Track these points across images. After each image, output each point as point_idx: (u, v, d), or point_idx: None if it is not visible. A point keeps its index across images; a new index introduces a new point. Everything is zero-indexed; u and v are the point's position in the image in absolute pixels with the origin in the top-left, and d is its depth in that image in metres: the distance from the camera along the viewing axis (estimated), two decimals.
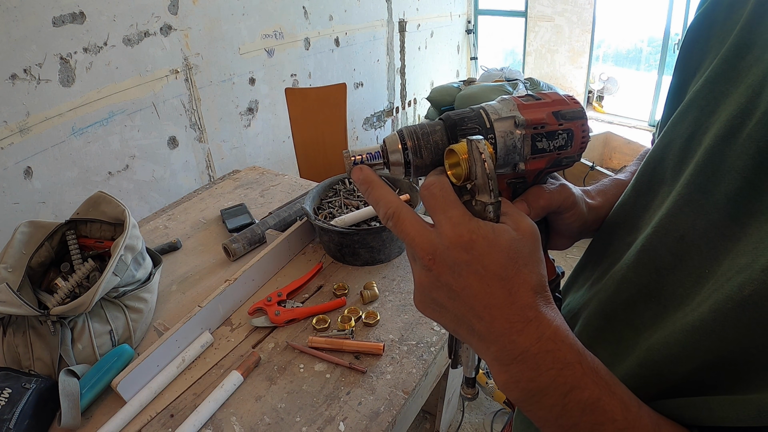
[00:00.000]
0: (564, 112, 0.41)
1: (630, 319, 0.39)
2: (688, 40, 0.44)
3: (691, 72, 0.43)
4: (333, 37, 2.90)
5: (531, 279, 0.32)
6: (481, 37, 4.45)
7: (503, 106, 0.40)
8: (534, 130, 0.40)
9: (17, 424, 0.72)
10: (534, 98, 0.42)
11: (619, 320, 0.40)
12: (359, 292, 1.04)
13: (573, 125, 0.41)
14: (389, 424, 0.78)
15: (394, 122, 3.82)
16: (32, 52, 1.56)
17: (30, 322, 0.84)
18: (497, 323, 0.31)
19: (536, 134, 0.40)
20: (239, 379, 0.84)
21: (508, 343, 0.31)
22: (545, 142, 0.40)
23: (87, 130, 1.78)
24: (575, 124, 0.41)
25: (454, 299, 0.33)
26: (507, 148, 0.40)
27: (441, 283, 0.33)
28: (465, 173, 0.35)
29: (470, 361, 0.44)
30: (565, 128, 0.41)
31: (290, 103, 2.21)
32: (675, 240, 0.37)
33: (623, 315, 0.40)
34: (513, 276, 0.32)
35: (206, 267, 1.17)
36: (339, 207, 1.20)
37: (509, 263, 0.32)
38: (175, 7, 1.97)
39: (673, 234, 0.37)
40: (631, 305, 0.39)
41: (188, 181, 2.25)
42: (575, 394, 0.30)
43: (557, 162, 0.42)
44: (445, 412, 1.43)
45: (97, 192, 1.05)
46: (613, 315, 0.41)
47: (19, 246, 0.93)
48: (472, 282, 0.32)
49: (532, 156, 0.41)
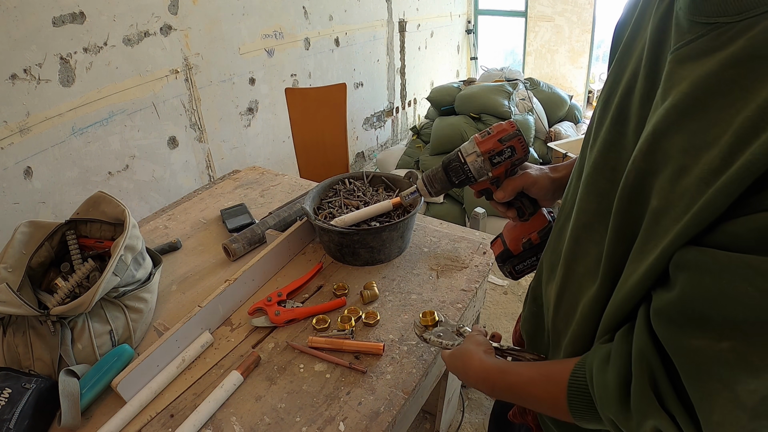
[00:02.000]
0: (505, 137, 0.70)
1: (590, 237, 0.54)
2: (616, 33, 0.59)
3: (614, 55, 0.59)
4: (333, 37, 2.90)
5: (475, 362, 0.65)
6: (481, 37, 4.45)
7: (470, 145, 0.72)
8: (489, 154, 0.71)
9: (17, 424, 0.72)
10: (488, 133, 0.71)
11: (584, 240, 0.55)
12: (359, 292, 1.04)
13: (513, 142, 0.70)
14: (389, 424, 0.78)
15: (394, 122, 3.82)
16: (32, 52, 1.56)
17: (30, 322, 0.84)
18: (470, 380, 0.66)
19: (491, 156, 0.71)
20: (239, 379, 0.84)
21: (475, 384, 0.65)
22: (498, 158, 0.71)
23: (87, 130, 1.78)
24: (514, 141, 0.70)
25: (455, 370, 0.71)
26: (477, 169, 0.72)
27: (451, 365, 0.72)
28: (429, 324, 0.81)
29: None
30: (508, 146, 0.70)
31: (290, 103, 2.21)
32: (609, 170, 0.51)
33: (585, 235, 0.55)
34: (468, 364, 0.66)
35: (206, 267, 1.17)
36: (339, 207, 1.20)
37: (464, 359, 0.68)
38: (175, 7, 1.97)
39: (608, 166, 0.52)
40: (589, 226, 0.54)
41: (188, 181, 2.25)
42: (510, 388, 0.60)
43: (513, 163, 0.72)
44: (445, 412, 1.43)
45: (97, 192, 1.05)
46: (579, 237, 0.56)
47: (19, 246, 0.93)
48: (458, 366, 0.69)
49: (493, 167, 0.72)
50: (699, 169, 0.38)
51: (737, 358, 0.35)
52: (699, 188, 0.37)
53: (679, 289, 0.38)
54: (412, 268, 1.12)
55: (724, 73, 0.38)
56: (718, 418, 0.37)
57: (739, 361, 0.35)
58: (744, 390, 0.35)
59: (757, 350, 0.34)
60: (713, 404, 0.37)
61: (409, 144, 3.12)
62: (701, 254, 0.37)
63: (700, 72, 0.40)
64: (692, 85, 0.40)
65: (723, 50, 0.38)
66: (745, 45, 0.37)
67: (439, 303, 1.01)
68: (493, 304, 2.22)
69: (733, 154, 0.35)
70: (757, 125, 0.34)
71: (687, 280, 0.38)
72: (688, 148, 0.40)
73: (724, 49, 0.38)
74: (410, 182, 1.22)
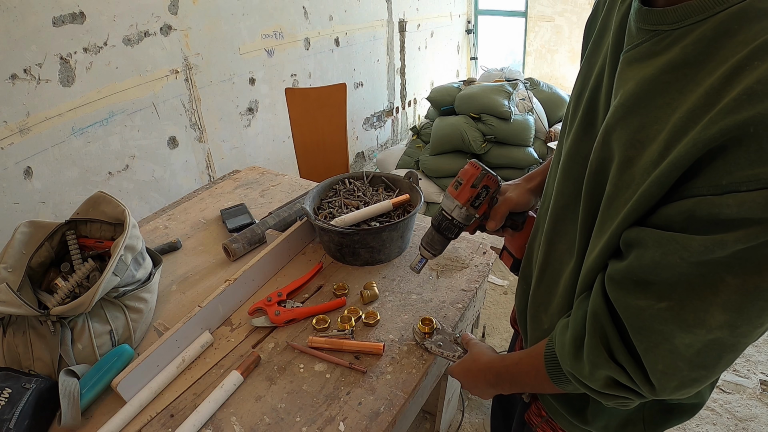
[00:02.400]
0: (475, 181, 0.75)
1: (568, 217, 0.60)
2: (586, 29, 0.64)
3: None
4: (333, 37, 2.90)
5: (484, 374, 0.73)
6: (481, 37, 4.44)
7: (449, 201, 0.78)
8: (469, 202, 0.76)
9: (17, 424, 0.72)
10: (459, 183, 0.76)
11: (562, 220, 0.61)
12: (359, 292, 1.04)
13: (484, 182, 0.75)
14: (389, 424, 0.78)
15: (394, 122, 3.82)
16: (32, 52, 1.56)
17: (30, 322, 0.84)
18: (483, 388, 0.74)
19: (471, 202, 0.76)
20: (239, 379, 0.84)
21: (487, 389, 0.74)
22: (477, 200, 0.76)
23: (87, 130, 1.78)
24: (485, 180, 0.75)
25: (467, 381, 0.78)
26: (464, 218, 0.78)
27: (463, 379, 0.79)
28: (427, 332, 0.89)
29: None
30: (482, 187, 0.75)
31: (290, 103, 2.21)
32: (582, 157, 0.56)
33: (563, 215, 0.61)
34: (476, 371, 0.75)
35: (206, 267, 1.17)
36: (339, 207, 1.20)
37: (473, 369, 0.76)
38: (175, 7, 1.97)
39: (580, 154, 0.57)
40: (566, 207, 0.60)
41: (188, 181, 2.25)
42: (511, 380, 0.68)
43: (492, 195, 0.77)
44: (445, 412, 1.43)
45: (97, 192, 1.05)
46: (558, 217, 0.62)
47: (19, 246, 0.93)
48: (468, 378, 0.77)
49: (477, 210, 0.77)
50: (643, 161, 0.44)
51: (673, 316, 0.42)
52: (642, 177, 0.44)
53: (627, 261, 0.46)
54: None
55: (662, 76, 0.43)
56: (662, 367, 0.45)
57: (675, 318, 0.42)
58: (681, 343, 0.43)
59: (689, 310, 0.41)
60: (657, 355, 0.44)
61: (409, 144, 3.11)
62: (642, 233, 0.44)
63: (643, 74, 0.45)
64: (636, 86, 0.46)
65: (662, 55, 0.44)
66: (679, 53, 0.42)
67: (439, 303, 1.01)
68: (493, 304, 2.22)
69: (667, 149, 0.41)
70: (687, 126, 0.40)
71: (633, 255, 0.45)
72: (633, 141, 0.45)
73: (662, 54, 0.44)
74: (410, 182, 1.22)
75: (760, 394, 1.77)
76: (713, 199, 0.38)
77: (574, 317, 0.54)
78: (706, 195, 0.38)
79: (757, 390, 1.79)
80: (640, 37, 0.47)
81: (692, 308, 0.41)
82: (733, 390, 1.79)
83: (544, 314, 0.66)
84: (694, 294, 0.41)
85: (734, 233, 0.37)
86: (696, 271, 0.40)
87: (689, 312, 0.41)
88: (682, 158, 0.39)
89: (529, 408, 0.77)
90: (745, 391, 1.79)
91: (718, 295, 0.40)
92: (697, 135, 0.38)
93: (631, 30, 0.49)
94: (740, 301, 0.39)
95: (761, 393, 1.77)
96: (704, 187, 0.38)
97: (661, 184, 0.41)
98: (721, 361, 0.44)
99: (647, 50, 0.46)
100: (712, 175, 0.38)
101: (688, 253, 0.40)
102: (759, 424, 1.66)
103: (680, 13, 0.42)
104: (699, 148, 0.38)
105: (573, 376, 0.54)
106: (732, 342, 0.42)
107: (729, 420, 1.68)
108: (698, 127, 0.38)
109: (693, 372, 0.44)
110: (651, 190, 0.42)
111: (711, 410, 1.72)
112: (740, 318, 0.40)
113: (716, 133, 0.37)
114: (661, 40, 0.44)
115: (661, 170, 0.41)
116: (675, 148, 0.40)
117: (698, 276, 0.40)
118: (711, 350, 0.43)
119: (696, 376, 0.44)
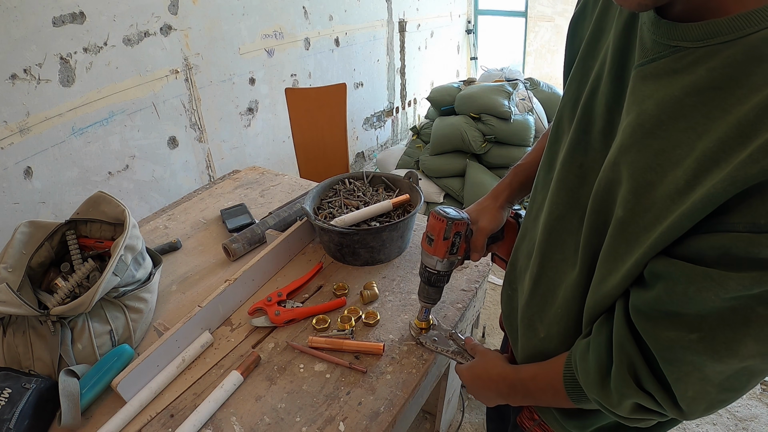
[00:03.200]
0: (445, 233, 0.75)
1: (564, 227, 0.59)
2: (572, 26, 0.62)
3: (574, 54, 0.60)
4: (333, 37, 2.90)
5: (496, 384, 0.71)
6: (481, 37, 4.44)
7: (429, 259, 0.79)
8: (447, 253, 0.77)
9: (17, 424, 0.72)
10: (430, 239, 0.77)
11: (558, 230, 0.60)
12: (359, 292, 1.04)
13: (454, 229, 0.75)
14: (389, 424, 0.78)
15: (394, 122, 3.82)
16: (32, 52, 1.56)
17: (30, 322, 0.84)
18: (492, 397, 0.74)
19: (449, 251, 0.77)
20: (239, 379, 0.84)
21: (496, 399, 0.73)
22: (453, 248, 0.77)
23: (87, 130, 1.78)
24: (454, 227, 0.75)
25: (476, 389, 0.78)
26: (449, 266, 0.79)
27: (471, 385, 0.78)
28: (423, 327, 0.90)
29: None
30: (453, 235, 0.76)
31: (290, 103, 2.21)
32: (577, 166, 0.56)
33: (559, 226, 0.60)
34: (486, 380, 0.74)
35: (206, 267, 1.17)
36: (339, 207, 1.20)
37: (484, 377, 0.75)
38: (175, 7, 1.97)
39: (575, 163, 0.57)
40: (561, 218, 0.60)
41: (188, 181, 2.25)
42: (525, 393, 0.67)
43: (466, 235, 0.78)
44: (445, 412, 1.43)
45: (97, 192, 1.05)
46: (553, 228, 0.61)
47: (19, 246, 0.93)
48: (476, 385, 0.77)
49: (455, 254, 0.78)
50: (665, 187, 0.43)
51: (705, 347, 0.42)
52: (665, 204, 0.43)
53: (655, 293, 0.45)
54: (412, 268, 1.12)
55: (686, 99, 0.41)
56: (693, 393, 0.44)
57: (707, 349, 0.42)
58: (712, 371, 0.43)
59: (720, 341, 0.41)
60: (687, 383, 0.44)
61: (409, 144, 3.11)
62: (671, 266, 0.43)
63: (664, 94, 0.43)
64: (657, 107, 0.44)
65: (684, 75, 0.42)
66: (705, 75, 0.40)
67: (439, 303, 1.01)
68: (493, 304, 2.22)
69: (696, 178, 0.40)
70: (717, 156, 0.38)
71: (662, 286, 0.44)
72: (653, 165, 0.44)
73: (685, 73, 0.42)
74: (410, 182, 1.22)
75: (760, 394, 1.77)
76: (751, 237, 0.37)
77: (596, 342, 0.53)
78: (743, 232, 0.37)
79: (757, 390, 1.79)
80: (656, 51, 0.45)
81: (724, 339, 0.41)
82: None
83: (540, 323, 0.65)
84: (726, 325, 0.40)
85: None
86: (728, 304, 0.40)
87: (721, 343, 0.41)
88: (719, 194, 0.38)
89: (521, 412, 0.77)
90: None
91: (750, 326, 0.39)
92: (736, 173, 0.37)
93: (645, 42, 0.46)
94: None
95: (761, 393, 1.77)
96: (740, 223, 0.38)
97: (693, 218, 0.40)
98: (750, 385, 0.44)
99: (666, 67, 0.44)
100: (750, 212, 0.37)
101: (724, 290, 0.39)
102: (759, 424, 1.66)
103: (706, 31, 0.40)
104: (738, 186, 0.37)
105: (599, 404, 0.54)
106: (763, 368, 0.42)
107: (729, 420, 1.68)
108: (735, 162, 0.37)
109: (721, 395, 0.44)
110: (682, 223, 0.41)
111: None
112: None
113: (758, 172, 0.36)
114: (682, 58, 0.42)
115: (695, 204, 0.39)
116: (705, 178, 0.39)
117: (729, 309, 0.40)
118: (741, 375, 0.43)
119: (724, 398, 0.45)
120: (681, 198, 0.41)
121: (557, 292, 0.61)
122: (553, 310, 0.62)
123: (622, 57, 0.50)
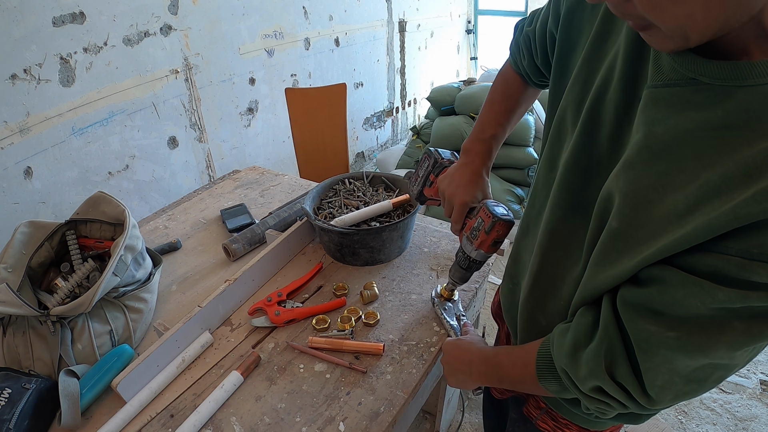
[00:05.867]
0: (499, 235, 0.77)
1: (566, 227, 0.61)
2: (567, 15, 0.60)
3: (571, 47, 0.61)
4: (333, 37, 2.90)
5: (476, 359, 0.73)
6: (481, 37, 4.44)
7: (469, 245, 0.80)
8: (490, 246, 0.79)
9: (17, 424, 0.72)
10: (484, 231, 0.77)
11: (560, 230, 0.62)
12: (359, 292, 1.04)
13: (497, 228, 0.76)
14: (389, 424, 0.78)
15: (394, 122, 3.82)
16: (32, 52, 1.56)
17: (30, 322, 0.84)
18: (463, 371, 0.75)
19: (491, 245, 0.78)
20: (239, 379, 0.84)
21: (467, 373, 0.74)
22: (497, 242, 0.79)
23: (87, 130, 1.78)
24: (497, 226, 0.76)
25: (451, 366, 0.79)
26: (483, 256, 0.81)
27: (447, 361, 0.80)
28: (445, 297, 0.97)
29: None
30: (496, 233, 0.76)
31: (290, 103, 2.21)
32: (581, 169, 0.57)
33: (561, 226, 0.61)
34: (465, 351, 0.76)
35: (206, 267, 1.17)
36: (339, 207, 1.20)
37: (464, 347, 0.77)
38: (175, 7, 1.97)
39: (579, 166, 0.57)
40: (564, 219, 0.61)
41: (188, 181, 2.25)
42: (495, 365, 0.70)
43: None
44: (445, 412, 1.43)
45: (97, 192, 1.05)
46: (555, 228, 0.62)
47: (19, 246, 0.93)
48: (453, 355, 0.79)
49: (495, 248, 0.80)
50: (665, 207, 0.45)
51: (679, 345, 0.45)
52: (662, 223, 0.45)
53: (647, 291, 0.48)
54: (412, 268, 1.12)
55: (698, 132, 0.43)
56: (661, 383, 0.48)
57: (680, 347, 0.45)
58: (681, 364, 0.47)
59: (694, 342, 0.44)
60: (657, 372, 0.48)
61: (409, 144, 3.11)
62: (667, 271, 0.46)
63: (675, 123, 0.45)
64: (666, 133, 0.45)
65: (699, 109, 0.43)
66: (721, 115, 0.42)
67: None
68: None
69: (696, 205, 0.42)
70: (720, 189, 0.41)
71: (655, 287, 0.47)
72: (656, 185, 0.46)
73: (699, 108, 0.43)
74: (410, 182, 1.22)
75: (760, 394, 1.77)
76: (743, 262, 0.40)
77: (577, 324, 0.56)
78: (735, 256, 0.40)
79: (757, 390, 1.79)
80: (672, 77, 0.45)
81: (697, 341, 0.44)
82: (733, 390, 1.79)
83: (541, 314, 0.68)
84: (702, 331, 0.44)
85: (757, 293, 0.40)
86: (709, 313, 0.43)
87: (695, 344, 0.45)
88: (721, 226, 0.40)
89: (527, 402, 0.78)
90: (745, 391, 1.79)
91: (723, 335, 0.43)
92: (739, 210, 0.39)
93: (662, 64, 0.46)
94: (743, 341, 0.43)
95: (761, 393, 1.77)
96: (734, 248, 0.40)
97: (692, 242, 0.43)
98: (713, 377, 0.48)
99: (681, 96, 0.45)
100: (744, 241, 0.40)
101: (711, 300, 0.42)
102: (759, 424, 1.66)
103: (728, 73, 0.41)
104: (740, 222, 0.39)
105: (565, 374, 0.57)
106: (727, 365, 0.47)
107: (729, 420, 1.68)
108: (738, 199, 0.39)
109: (686, 386, 0.48)
110: (682, 244, 0.44)
111: (711, 410, 1.72)
112: (740, 352, 0.44)
113: (759, 212, 0.38)
114: (698, 92, 0.43)
115: (696, 230, 0.42)
116: (705, 206, 0.42)
117: (709, 318, 0.43)
118: (706, 368, 0.47)
119: (689, 390, 0.49)
120: (680, 221, 0.44)
121: (561, 286, 0.63)
122: (557, 303, 0.64)
123: (634, 66, 0.50)
